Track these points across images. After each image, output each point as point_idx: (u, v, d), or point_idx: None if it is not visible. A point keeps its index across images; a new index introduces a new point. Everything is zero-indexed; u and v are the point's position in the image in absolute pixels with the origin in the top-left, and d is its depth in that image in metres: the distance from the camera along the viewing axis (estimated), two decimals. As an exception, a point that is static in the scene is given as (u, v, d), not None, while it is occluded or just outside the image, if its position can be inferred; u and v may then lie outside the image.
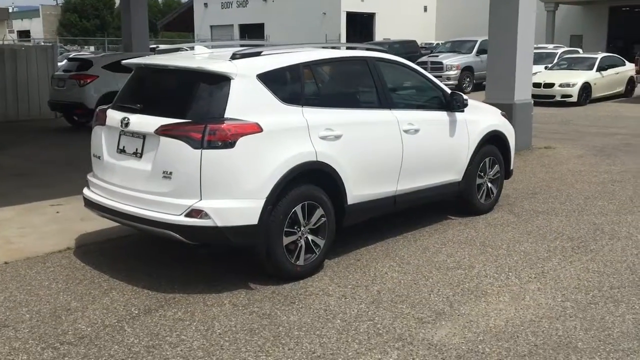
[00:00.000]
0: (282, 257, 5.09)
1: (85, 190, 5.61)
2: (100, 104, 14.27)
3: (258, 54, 5.22)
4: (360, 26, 48.83)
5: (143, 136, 5.03)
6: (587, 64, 20.88)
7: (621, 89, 21.44)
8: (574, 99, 19.37)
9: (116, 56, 14.77)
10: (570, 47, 29.21)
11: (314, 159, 5.18)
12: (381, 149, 5.84)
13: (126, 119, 5.10)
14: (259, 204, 4.86)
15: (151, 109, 5.13)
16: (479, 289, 5.12)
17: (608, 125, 15.18)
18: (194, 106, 4.96)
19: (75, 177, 8.82)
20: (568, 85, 19.44)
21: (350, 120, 5.58)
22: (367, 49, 6.21)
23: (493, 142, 7.14)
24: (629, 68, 21.74)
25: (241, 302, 4.85)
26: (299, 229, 5.18)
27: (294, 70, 5.35)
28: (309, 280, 5.27)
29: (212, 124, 4.73)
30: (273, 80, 5.15)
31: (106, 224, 6.52)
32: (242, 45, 6.17)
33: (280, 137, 5.00)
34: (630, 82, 21.71)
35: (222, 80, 4.93)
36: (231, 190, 4.80)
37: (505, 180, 7.61)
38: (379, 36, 48.37)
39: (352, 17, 48.49)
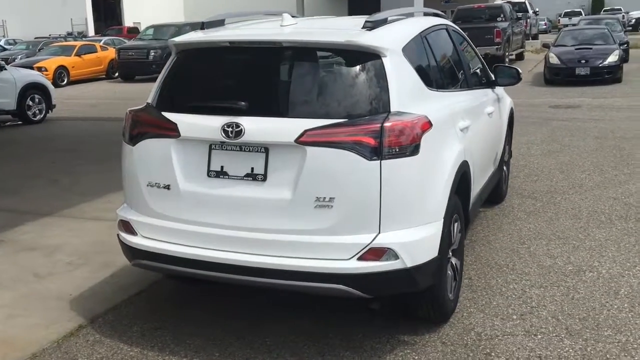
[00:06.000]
0: (446, 294, 3.80)
1: (135, 239, 3.62)
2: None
3: (385, 21, 3.76)
4: (106, 10, 45.19)
5: (265, 149, 3.35)
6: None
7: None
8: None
9: None
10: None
11: (464, 159, 3.93)
12: (484, 139, 4.74)
13: (234, 125, 3.34)
14: (439, 227, 3.51)
15: (263, 108, 3.43)
16: (638, 294, 4.35)
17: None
18: (341, 98, 3.37)
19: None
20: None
21: (471, 106, 4.40)
22: (435, 14, 4.96)
23: (509, 121, 6.37)
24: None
25: (425, 366, 3.49)
26: (448, 252, 3.91)
27: (419, 42, 3.98)
28: (458, 316, 4.03)
29: (389, 123, 3.26)
30: (413, 57, 3.75)
31: (85, 277, 4.60)
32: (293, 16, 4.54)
33: (442, 133, 3.67)
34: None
35: (371, 59, 3.41)
36: (412, 214, 3.37)
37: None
38: (128, 20, 45.21)
39: (97, 1, 44.57)
